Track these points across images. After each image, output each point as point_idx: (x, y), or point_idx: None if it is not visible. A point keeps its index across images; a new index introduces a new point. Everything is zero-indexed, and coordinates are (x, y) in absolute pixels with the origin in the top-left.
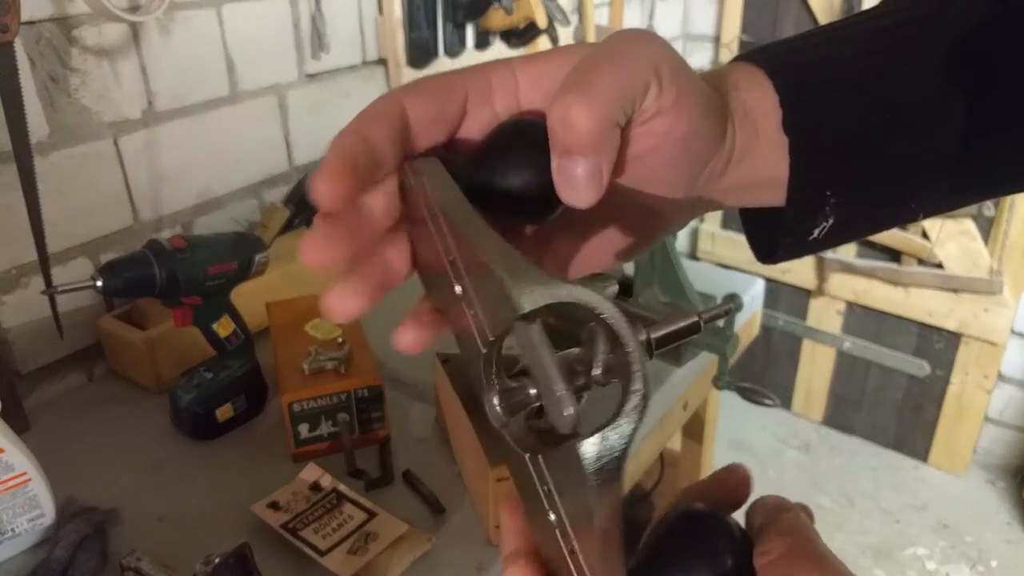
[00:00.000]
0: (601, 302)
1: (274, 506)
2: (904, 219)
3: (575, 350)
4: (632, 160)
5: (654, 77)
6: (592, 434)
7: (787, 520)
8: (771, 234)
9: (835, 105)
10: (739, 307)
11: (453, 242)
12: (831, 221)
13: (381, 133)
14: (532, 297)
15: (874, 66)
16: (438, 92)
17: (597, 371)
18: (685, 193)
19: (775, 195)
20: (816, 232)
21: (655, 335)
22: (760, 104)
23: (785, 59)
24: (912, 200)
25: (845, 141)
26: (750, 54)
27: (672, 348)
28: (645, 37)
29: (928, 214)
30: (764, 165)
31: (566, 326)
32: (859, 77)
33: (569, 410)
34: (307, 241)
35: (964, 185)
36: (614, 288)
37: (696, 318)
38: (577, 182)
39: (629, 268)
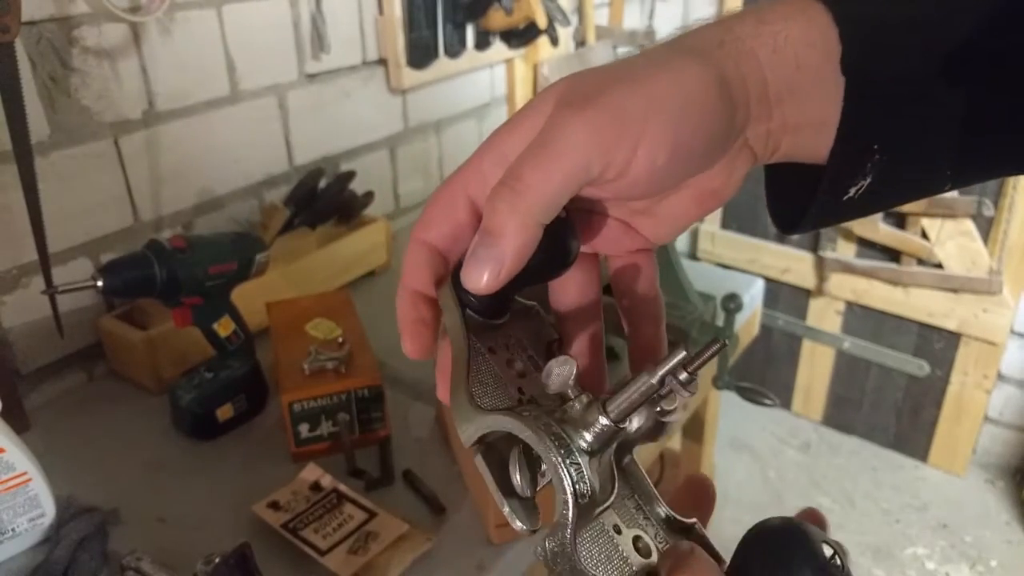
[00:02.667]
0: (521, 428)
1: (274, 506)
2: (936, 187)
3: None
4: (638, 181)
5: (596, 156)
6: (542, 538)
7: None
8: (799, 198)
9: (893, 47)
10: (739, 307)
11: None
12: (868, 180)
13: (424, 279)
14: (467, 434)
15: (930, 12)
16: (443, 213)
17: (524, 488)
18: (721, 155)
19: (816, 143)
20: (852, 191)
21: (611, 409)
22: (804, 33)
23: None
24: (948, 166)
25: (900, 87)
26: None
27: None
28: (574, 111)
29: (957, 184)
30: (810, 106)
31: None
32: (914, 21)
33: (515, 523)
34: (405, 342)
35: (1004, 150)
36: (569, 367)
37: (653, 381)
38: (476, 263)
39: None
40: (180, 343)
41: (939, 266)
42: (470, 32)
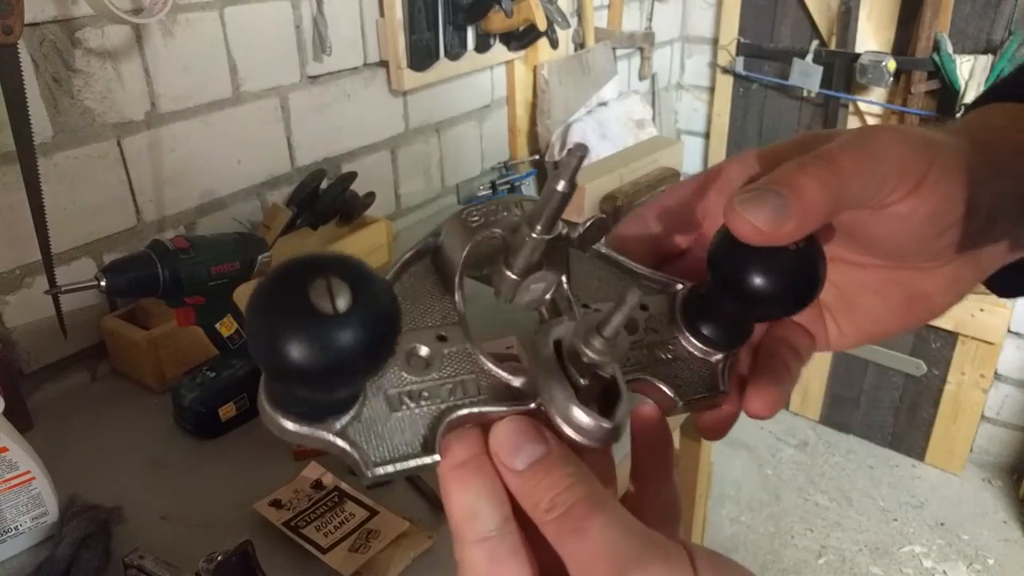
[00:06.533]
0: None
1: (276, 504)
2: None
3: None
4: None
5: (895, 174)
6: None
7: None
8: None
9: None
10: None
11: None
12: None
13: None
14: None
15: None
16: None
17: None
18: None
19: None
20: None
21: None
22: None
23: None
24: None
25: None
26: (999, 94)
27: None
28: (885, 131)
29: None
30: None
31: None
32: None
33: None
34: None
35: None
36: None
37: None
38: (760, 201)
39: None
40: (183, 342)
41: None
42: (470, 34)
